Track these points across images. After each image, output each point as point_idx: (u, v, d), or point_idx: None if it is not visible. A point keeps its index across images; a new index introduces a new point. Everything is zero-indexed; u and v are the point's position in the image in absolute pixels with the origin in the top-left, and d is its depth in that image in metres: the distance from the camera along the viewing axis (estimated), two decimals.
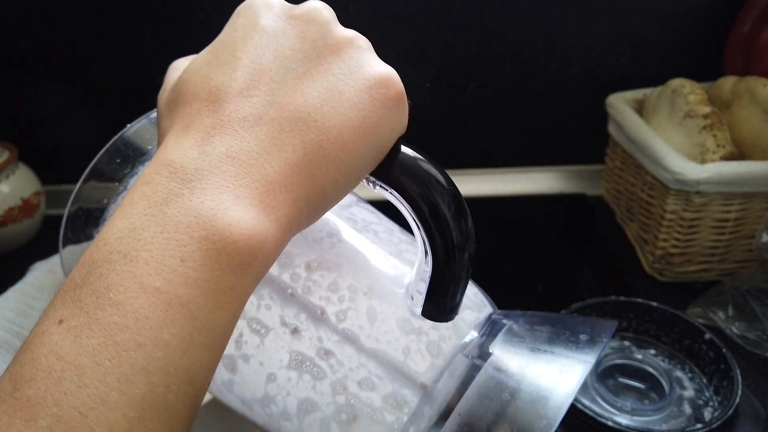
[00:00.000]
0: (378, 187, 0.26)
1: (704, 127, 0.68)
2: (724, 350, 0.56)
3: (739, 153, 0.69)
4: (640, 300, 0.62)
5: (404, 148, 0.26)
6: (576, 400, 0.51)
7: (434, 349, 0.28)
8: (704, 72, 0.80)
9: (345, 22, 0.31)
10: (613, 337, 0.62)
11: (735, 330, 0.64)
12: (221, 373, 0.31)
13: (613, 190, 0.85)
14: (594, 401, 0.55)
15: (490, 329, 0.29)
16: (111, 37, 0.83)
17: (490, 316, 0.31)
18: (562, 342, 0.28)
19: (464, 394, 0.26)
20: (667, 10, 0.83)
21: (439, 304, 0.27)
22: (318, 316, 0.29)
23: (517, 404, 0.25)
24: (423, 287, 0.27)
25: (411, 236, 0.30)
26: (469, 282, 0.31)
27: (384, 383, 0.28)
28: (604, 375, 0.58)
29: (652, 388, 0.57)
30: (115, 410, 0.19)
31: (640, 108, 0.80)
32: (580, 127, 0.91)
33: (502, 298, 0.80)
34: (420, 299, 0.28)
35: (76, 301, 0.20)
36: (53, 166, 0.86)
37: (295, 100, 0.23)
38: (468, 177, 0.94)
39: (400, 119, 0.25)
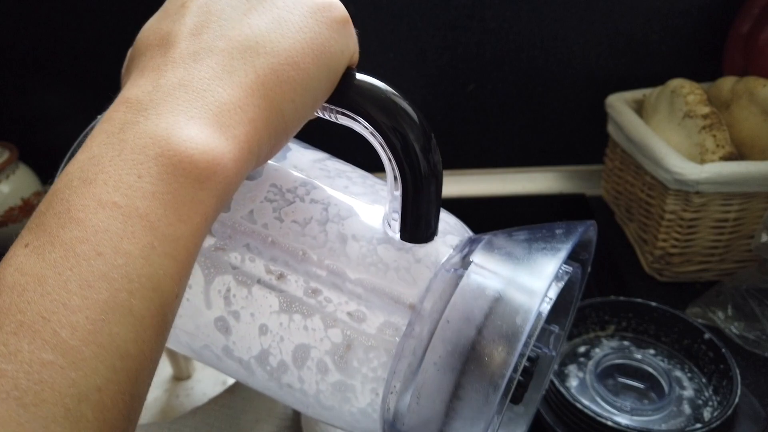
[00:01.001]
0: (342, 117, 0.28)
1: (703, 128, 0.69)
2: (723, 350, 0.56)
3: (738, 153, 0.69)
4: (639, 300, 0.62)
5: (374, 80, 0.28)
6: (575, 399, 0.51)
7: (417, 270, 0.29)
8: (703, 72, 0.80)
9: None
10: (613, 336, 0.62)
11: (734, 330, 0.64)
12: (217, 339, 0.31)
13: (613, 190, 0.85)
14: (593, 401, 0.55)
15: (470, 246, 0.30)
16: (111, 36, 0.83)
17: (469, 238, 0.31)
18: (539, 239, 0.28)
19: (450, 301, 0.27)
20: (666, 10, 0.83)
21: (415, 228, 0.29)
22: (301, 258, 0.29)
23: (502, 300, 0.26)
24: (397, 216, 0.29)
25: (385, 180, 0.31)
26: (449, 213, 0.32)
27: (373, 310, 0.28)
28: (603, 375, 0.58)
29: (652, 388, 0.57)
30: (77, 313, 0.19)
31: (639, 108, 0.80)
32: (580, 128, 0.92)
33: None
34: (396, 226, 0.29)
35: (40, 226, 0.21)
36: (53, 166, 0.86)
37: (243, 31, 0.25)
38: (467, 177, 0.94)
39: (348, 41, 0.27)
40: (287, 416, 0.50)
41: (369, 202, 0.31)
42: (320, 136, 0.37)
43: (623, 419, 0.52)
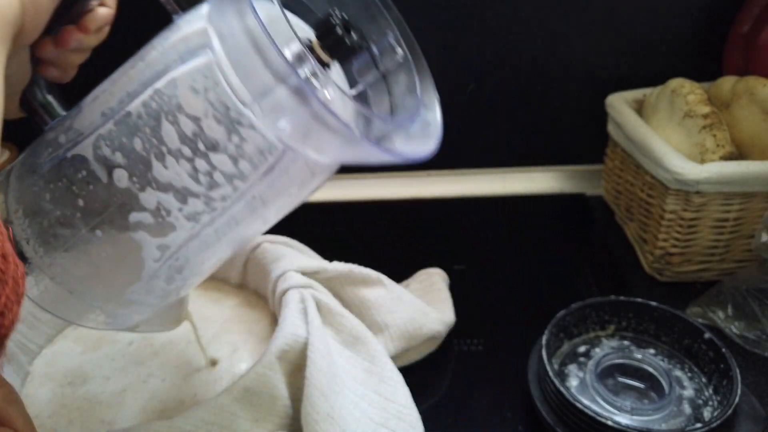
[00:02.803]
0: None
1: (704, 127, 0.69)
2: (723, 350, 0.56)
3: (738, 153, 0.69)
4: (639, 300, 0.62)
5: None
6: (575, 399, 0.51)
7: (276, 114, 0.36)
8: (704, 72, 0.80)
9: None
10: (613, 336, 0.62)
11: (734, 330, 0.64)
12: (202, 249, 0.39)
13: (613, 189, 0.85)
14: (594, 401, 0.55)
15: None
16: (110, 36, 0.83)
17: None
18: None
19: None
20: (666, 10, 0.84)
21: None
22: (131, 84, 0.38)
23: None
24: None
25: None
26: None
27: (180, 63, 0.36)
28: (603, 374, 0.58)
29: (652, 388, 0.57)
30: None
31: (639, 108, 0.80)
32: (580, 127, 0.92)
33: (500, 296, 0.80)
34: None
35: None
36: None
37: None
38: (467, 177, 0.94)
39: None
40: (287, 415, 0.50)
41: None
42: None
43: (623, 419, 0.52)
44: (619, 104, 0.79)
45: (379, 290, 0.61)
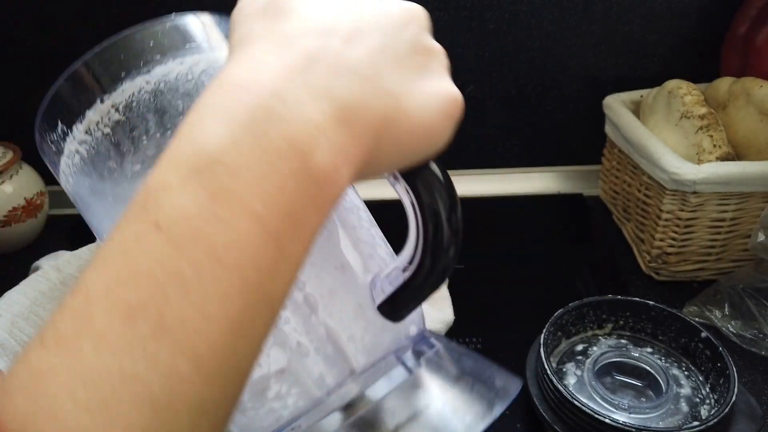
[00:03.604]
0: (401, 189, 0.29)
1: (700, 128, 0.69)
2: (720, 348, 0.56)
3: (735, 153, 0.70)
4: (636, 299, 0.62)
5: (441, 174, 0.29)
6: (573, 397, 0.51)
7: (374, 344, 0.30)
8: (701, 73, 0.81)
9: None
10: (611, 335, 0.63)
11: (731, 329, 0.65)
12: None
13: (610, 190, 0.85)
14: (592, 399, 0.55)
15: (422, 343, 0.32)
16: (112, 35, 0.83)
17: (422, 331, 0.33)
18: (480, 382, 0.30)
19: (389, 392, 0.28)
20: (663, 11, 0.84)
21: (397, 309, 0.30)
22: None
23: (425, 417, 0.28)
24: (389, 289, 0.29)
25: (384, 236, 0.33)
26: None
27: (319, 352, 0.29)
28: (601, 373, 0.58)
29: (649, 386, 0.58)
30: (212, 323, 0.19)
31: (636, 109, 0.81)
32: (578, 128, 0.92)
33: (499, 295, 0.80)
34: (382, 296, 0.30)
35: (177, 209, 0.20)
36: None
37: (388, 78, 0.25)
38: (466, 177, 0.95)
39: (447, 140, 0.27)
40: None
41: (366, 256, 0.32)
42: None
43: (621, 417, 0.53)
44: (617, 105, 0.80)
45: None
